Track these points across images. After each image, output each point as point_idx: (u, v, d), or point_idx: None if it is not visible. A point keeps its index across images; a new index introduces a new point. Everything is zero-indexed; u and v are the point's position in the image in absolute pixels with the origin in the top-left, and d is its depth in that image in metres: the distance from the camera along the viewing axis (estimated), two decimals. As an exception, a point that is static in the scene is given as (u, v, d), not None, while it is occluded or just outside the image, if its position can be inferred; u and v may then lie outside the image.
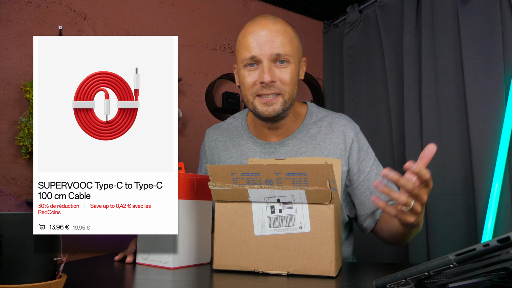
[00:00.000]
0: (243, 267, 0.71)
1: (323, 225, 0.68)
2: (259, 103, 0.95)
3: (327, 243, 0.68)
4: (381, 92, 2.57)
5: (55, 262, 0.55)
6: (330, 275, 0.68)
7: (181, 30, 2.70)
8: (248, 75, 0.94)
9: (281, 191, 0.69)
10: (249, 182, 0.70)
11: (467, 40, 1.99)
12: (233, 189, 0.71)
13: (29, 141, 1.98)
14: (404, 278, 0.51)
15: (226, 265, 0.72)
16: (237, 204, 0.72)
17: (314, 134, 1.02)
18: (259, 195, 0.71)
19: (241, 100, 2.88)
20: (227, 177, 0.71)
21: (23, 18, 2.19)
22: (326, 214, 0.68)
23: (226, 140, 1.11)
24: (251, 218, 0.71)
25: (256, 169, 0.69)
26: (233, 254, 0.72)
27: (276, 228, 0.70)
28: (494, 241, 0.44)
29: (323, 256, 0.68)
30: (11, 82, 2.12)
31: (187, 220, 0.80)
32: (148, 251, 0.81)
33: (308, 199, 0.68)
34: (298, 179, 0.67)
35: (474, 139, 1.90)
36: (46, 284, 0.52)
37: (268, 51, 0.91)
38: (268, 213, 0.70)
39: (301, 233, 0.69)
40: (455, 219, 1.98)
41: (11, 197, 2.06)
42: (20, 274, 0.51)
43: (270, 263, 0.70)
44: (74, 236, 2.19)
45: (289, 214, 0.70)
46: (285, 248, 0.70)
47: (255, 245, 0.71)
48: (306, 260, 0.69)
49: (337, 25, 3.10)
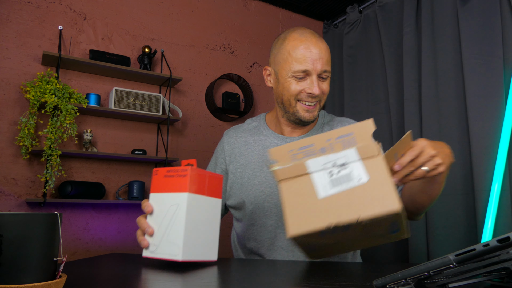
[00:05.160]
0: (317, 228, 0.74)
1: (378, 172, 0.75)
2: (301, 108, 1.07)
3: (386, 183, 0.74)
4: (381, 92, 2.57)
5: (55, 262, 0.55)
6: (398, 211, 0.70)
7: (181, 30, 2.70)
8: (296, 83, 1.05)
9: (335, 155, 0.77)
10: (306, 155, 0.78)
11: (467, 40, 1.99)
12: (293, 165, 0.79)
13: (29, 141, 1.99)
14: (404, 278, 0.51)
15: (300, 230, 0.75)
16: (299, 178, 0.79)
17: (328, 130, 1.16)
18: (316, 164, 0.78)
19: (241, 100, 2.88)
20: (285, 156, 0.79)
21: (23, 18, 2.19)
22: (378, 163, 0.75)
23: (246, 136, 1.20)
24: (312, 187, 0.77)
25: (310, 141, 0.77)
26: (304, 221, 0.75)
27: (337, 187, 0.76)
28: (494, 241, 0.44)
29: (386, 195, 0.72)
30: (11, 82, 2.12)
31: (198, 214, 0.79)
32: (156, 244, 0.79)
33: (361, 155, 0.76)
34: (348, 140, 0.76)
35: (474, 139, 1.90)
36: (46, 284, 0.52)
37: (319, 68, 1.03)
38: (327, 178, 0.77)
39: (361, 184, 0.75)
40: (455, 219, 1.98)
41: (11, 197, 2.06)
42: (20, 274, 0.51)
43: (339, 216, 0.73)
44: (74, 236, 2.19)
45: (346, 173, 0.76)
46: (349, 200, 0.74)
47: (322, 206, 0.75)
48: (371, 204, 0.73)
49: (337, 25, 3.10)
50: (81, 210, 2.23)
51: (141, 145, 2.47)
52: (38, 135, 2.13)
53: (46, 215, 0.54)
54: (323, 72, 1.05)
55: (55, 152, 2.01)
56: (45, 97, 2.01)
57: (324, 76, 1.06)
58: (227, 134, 1.24)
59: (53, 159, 2.00)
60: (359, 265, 0.98)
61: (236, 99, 2.80)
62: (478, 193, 1.84)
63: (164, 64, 2.57)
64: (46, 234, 0.54)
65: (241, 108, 2.87)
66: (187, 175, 0.77)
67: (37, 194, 2.11)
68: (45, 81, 2.06)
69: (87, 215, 2.24)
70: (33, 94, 1.99)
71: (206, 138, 2.70)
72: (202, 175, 0.81)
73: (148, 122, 2.50)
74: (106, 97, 2.36)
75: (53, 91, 2.04)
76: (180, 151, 2.59)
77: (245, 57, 2.94)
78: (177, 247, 0.75)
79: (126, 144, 2.42)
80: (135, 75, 2.39)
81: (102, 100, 2.34)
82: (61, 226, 0.56)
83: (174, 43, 2.65)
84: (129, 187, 2.31)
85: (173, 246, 0.76)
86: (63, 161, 2.17)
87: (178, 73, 2.63)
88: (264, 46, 3.04)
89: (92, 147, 2.23)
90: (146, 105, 2.34)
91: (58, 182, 2.12)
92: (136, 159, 2.35)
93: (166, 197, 0.79)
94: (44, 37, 2.22)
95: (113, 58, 2.29)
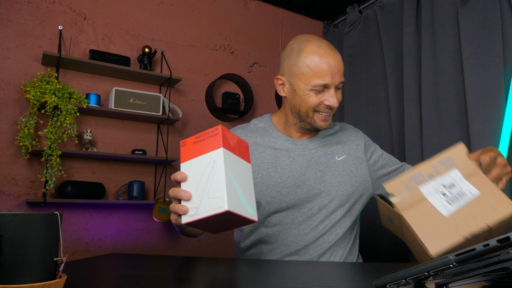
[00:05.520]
0: (454, 242, 0.82)
1: (484, 184, 0.86)
2: (318, 119, 1.12)
3: (495, 191, 0.85)
4: (381, 92, 2.57)
5: (55, 262, 0.55)
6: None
7: (181, 30, 2.70)
8: (314, 96, 1.09)
9: (441, 177, 0.89)
10: (418, 183, 0.90)
11: (467, 40, 1.99)
12: (410, 194, 0.90)
13: (29, 141, 1.98)
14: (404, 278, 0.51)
15: (440, 248, 0.83)
16: (419, 204, 0.89)
17: (333, 134, 1.24)
18: (429, 189, 0.89)
19: (241, 100, 2.88)
20: (400, 188, 0.92)
21: (23, 18, 2.19)
22: (479, 176, 0.87)
23: (255, 137, 1.20)
24: (434, 209, 0.87)
25: (417, 171, 0.90)
26: (440, 239, 0.84)
27: (456, 204, 0.86)
28: (494, 241, 0.44)
29: (501, 200, 0.84)
30: (11, 82, 2.12)
31: (234, 172, 0.75)
32: (196, 206, 0.75)
33: (462, 173, 0.89)
34: (448, 163, 0.90)
35: (474, 139, 1.90)
36: (46, 284, 0.52)
37: (337, 81, 1.07)
38: (443, 198, 0.88)
39: (476, 197, 0.85)
40: (455, 219, 1.97)
41: (11, 197, 2.06)
42: (20, 274, 0.51)
43: (470, 227, 0.82)
44: (74, 236, 2.19)
45: (458, 191, 0.87)
46: (472, 212, 0.84)
47: (450, 223, 0.84)
48: (492, 210, 0.83)
49: (337, 25, 3.10)
50: (81, 210, 2.23)
51: (141, 145, 2.47)
52: (38, 135, 2.13)
53: (46, 215, 0.53)
54: (340, 83, 1.09)
55: (55, 152, 2.01)
56: (45, 97, 2.01)
57: (339, 86, 1.10)
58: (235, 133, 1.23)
59: (53, 159, 2.00)
60: (359, 265, 0.98)
61: (236, 99, 2.80)
62: (478, 193, 1.84)
63: (164, 64, 2.57)
64: (46, 234, 0.53)
65: (241, 108, 2.87)
66: (218, 133, 0.75)
67: (37, 194, 2.11)
68: (45, 81, 2.06)
69: (87, 215, 2.24)
70: (33, 94, 1.99)
71: (206, 138, 2.70)
72: (232, 136, 0.79)
73: (148, 122, 2.50)
74: (106, 97, 2.36)
75: (53, 91, 2.04)
76: (180, 151, 2.59)
77: (245, 57, 2.94)
78: (220, 199, 0.70)
79: (126, 144, 2.42)
80: (135, 75, 2.39)
81: (102, 100, 2.34)
82: (61, 226, 0.56)
83: (174, 43, 2.65)
84: (129, 187, 2.31)
85: (216, 200, 0.71)
86: (63, 161, 2.17)
87: (178, 73, 2.63)
88: (264, 46, 3.04)
89: (92, 147, 2.23)
90: (146, 105, 2.34)
91: (58, 182, 2.12)
92: (136, 159, 2.35)
93: (200, 160, 0.76)
94: (44, 37, 2.22)
95: (113, 58, 2.29)
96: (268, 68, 3.04)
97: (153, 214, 2.27)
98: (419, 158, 2.18)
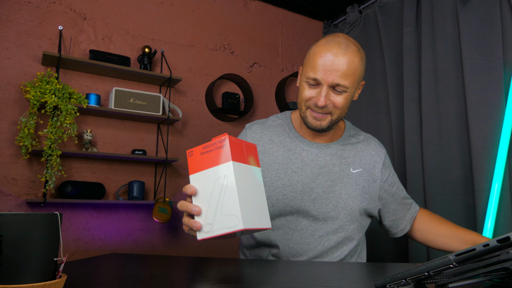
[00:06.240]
0: None
1: None
2: (310, 115, 1.05)
3: None
4: (381, 92, 2.57)
5: (55, 262, 0.55)
6: None
7: (181, 30, 2.70)
8: (307, 89, 1.03)
9: None
10: None
11: (467, 40, 1.99)
12: None
13: (29, 141, 1.98)
14: (404, 278, 0.51)
15: None
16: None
17: (354, 144, 1.16)
18: None
19: (241, 100, 2.88)
20: None
21: (23, 18, 2.19)
22: None
23: (272, 135, 1.16)
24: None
25: None
26: None
27: None
28: (494, 241, 0.44)
29: None
30: (11, 82, 2.12)
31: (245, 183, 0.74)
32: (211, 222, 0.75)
33: None
34: None
35: (474, 139, 1.89)
36: (46, 284, 0.52)
37: (330, 79, 0.99)
38: None
39: None
40: (455, 219, 1.97)
41: (11, 197, 2.06)
42: (20, 274, 0.51)
43: None
44: (74, 236, 2.19)
45: None
46: None
47: None
48: None
49: (337, 25, 3.10)
50: (81, 210, 2.23)
51: (141, 145, 2.47)
52: (38, 135, 2.13)
53: (46, 215, 0.53)
54: (336, 85, 1.00)
55: (55, 152, 2.01)
56: (45, 97, 2.01)
57: (338, 89, 1.01)
58: (251, 129, 1.18)
59: (53, 159, 2.00)
60: (359, 265, 0.98)
61: (236, 99, 2.80)
62: (478, 193, 1.84)
63: (164, 64, 2.57)
64: (46, 234, 0.53)
65: (241, 108, 2.87)
66: (226, 144, 0.73)
67: (37, 194, 2.11)
68: (45, 81, 2.06)
69: (87, 215, 2.24)
70: (33, 94, 1.99)
71: (206, 138, 2.70)
72: (239, 143, 0.77)
73: (148, 122, 2.50)
74: (106, 97, 2.36)
75: (53, 91, 2.04)
76: (180, 151, 2.59)
77: (245, 57, 2.94)
78: (235, 217, 0.70)
79: (126, 144, 2.42)
80: (135, 75, 2.39)
81: (102, 100, 2.34)
82: (61, 226, 0.56)
83: (174, 43, 2.65)
84: (129, 187, 2.31)
85: (231, 217, 0.71)
86: (63, 161, 2.17)
87: (178, 73, 2.63)
88: (264, 46, 3.04)
89: (92, 147, 2.23)
90: (146, 105, 2.34)
91: (58, 182, 2.12)
92: (136, 159, 2.35)
93: (209, 173, 0.74)
94: (44, 37, 2.22)
95: (113, 58, 2.29)
96: (268, 68, 3.04)
97: (153, 214, 2.27)
98: (419, 158, 2.18)
